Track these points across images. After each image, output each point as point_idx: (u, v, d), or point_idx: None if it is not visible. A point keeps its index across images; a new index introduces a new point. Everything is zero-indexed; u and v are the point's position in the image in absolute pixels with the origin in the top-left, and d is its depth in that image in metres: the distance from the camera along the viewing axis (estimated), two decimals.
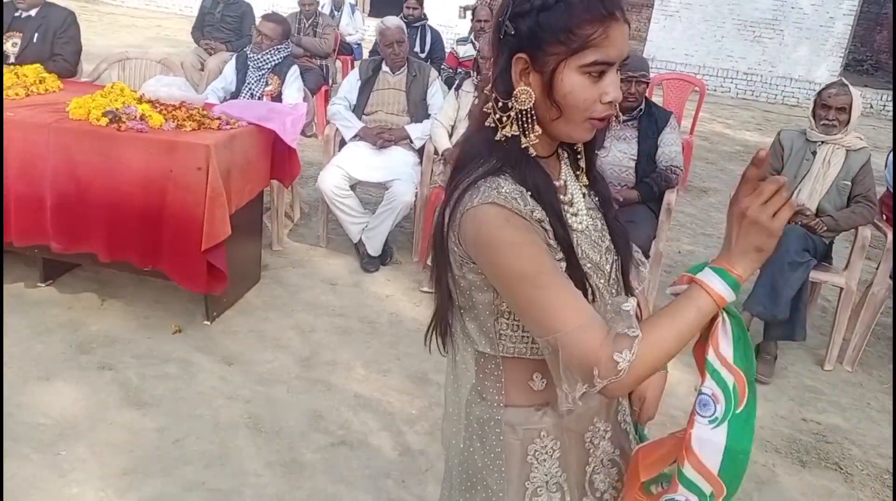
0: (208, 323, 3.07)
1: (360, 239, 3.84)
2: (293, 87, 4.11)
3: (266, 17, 4.19)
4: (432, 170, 3.84)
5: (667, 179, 3.53)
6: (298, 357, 2.94)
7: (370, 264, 3.81)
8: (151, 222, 2.79)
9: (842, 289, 3.30)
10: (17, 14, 4.23)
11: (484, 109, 1.05)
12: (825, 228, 3.26)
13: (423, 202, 3.82)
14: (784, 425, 2.87)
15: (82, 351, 2.79)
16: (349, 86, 4.15)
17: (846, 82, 3.45)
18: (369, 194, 4.31)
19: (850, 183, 3.36)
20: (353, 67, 7.66)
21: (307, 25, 6.69)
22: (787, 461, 2.66)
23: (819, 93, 3.45)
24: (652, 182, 3.50)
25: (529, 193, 1.01)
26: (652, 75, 9.03)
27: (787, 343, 3.38)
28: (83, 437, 2.34)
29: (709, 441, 1.03)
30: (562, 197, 1.09)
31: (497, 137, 1.03)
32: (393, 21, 4.06)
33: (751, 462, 1.08)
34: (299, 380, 2.79)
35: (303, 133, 4.96)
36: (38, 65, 3.50)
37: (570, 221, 1.08)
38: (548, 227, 1.02)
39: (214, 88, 4.14)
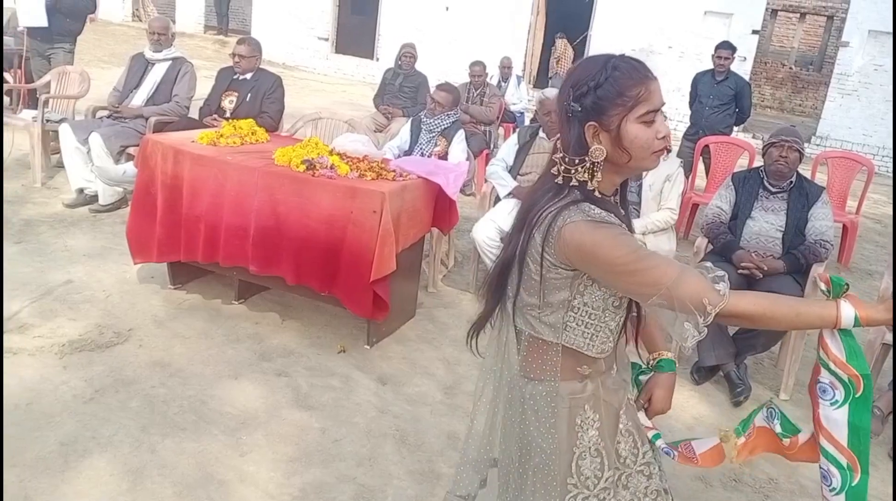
0: (368, 347, 3.48)
1: None
2: (458, 148, 4.56)
3: (440, 87, 4.71)
4: None
5: (815, 253, 3.55)
6: (443, 385, 3.26)
7: None
8: (332, 253, 3.26)
9: None
10: (235, 76, 5.06)
11: (553, 170, 1.39)
12: None
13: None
14: None
15: (264, 359, 3.28)
16: (508, 149, 4.53)
17: None
18: None
19: None
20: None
21: (475, 94, 7.26)
22: None
23: None
24: (799, 254, 3.54)
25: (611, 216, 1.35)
26: (819, 152, 8.84)
27: None
28: (260, 427, 2.77)
29: (833, 419, 1.33)
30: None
31: (571, 183, 1.36)
32: (552, 92, 4.42)
33: None
34: (442, 404, 3.10)
35: (462, 191, 5.41)
36: (251, 119, 4.17)
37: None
38: None
39: (391, 146, 4.69)
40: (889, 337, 3.38)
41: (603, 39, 13.09)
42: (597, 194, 1.36)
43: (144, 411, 2.77)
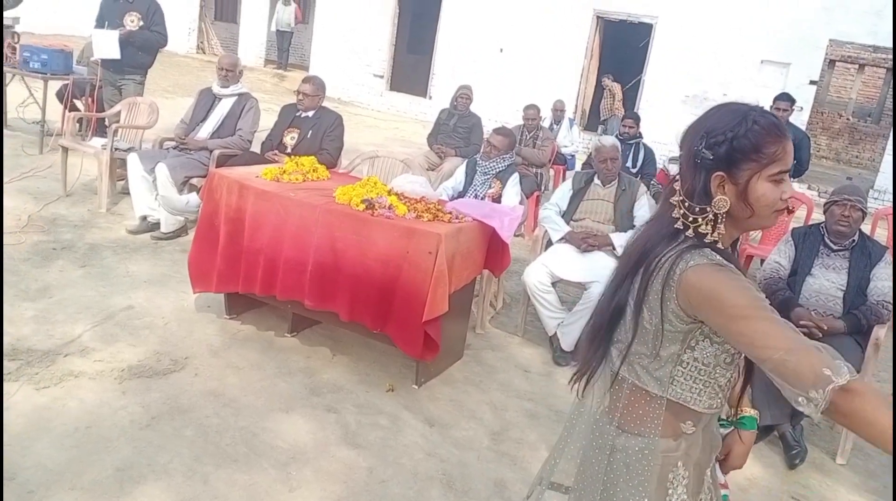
0: (416, 387, 3.49)
1: (556, 333, 4.12)
2: (512, 191, 4.59)
3: (496, 131, 4.77)
4: None
5: (877, 314, 3.46)
6: (490, 430, 3.24)
7: (562, 357, 4.07)
8: (386, 292, 3.30)
9: None
10: (297, 113, 5.21)
11: (673, 214, 1.38)
12: None
13: None
14: None
15: (314, 394, 3.31)
16: (562, 194, 4.55)
17: None
18: (568, 292, 4.60)
19: None
20: (564, 176, 8.19)
21: (528, 137, 7.32)
22: None
23: None
24: (860, 315, 3.46)
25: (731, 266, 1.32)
26: (879, 207, 8.64)
27: None
28: (309, 463, 2.80)
29: None
30: None
31: (688, 233, 1.35)
32: (609, 140, 4.44)
33: None
34: (489, 450, 3.08)
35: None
36: (313, 157, 4.28)
37: None
38: None
39: (445, 186, 4.75)
40: None
41: (656, 85, 13.09)
42: (719, 245, 1.35)
43: (198, 440, 2.82)
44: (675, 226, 1.37)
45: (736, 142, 1.32)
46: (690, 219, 1.35)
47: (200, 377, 3.30)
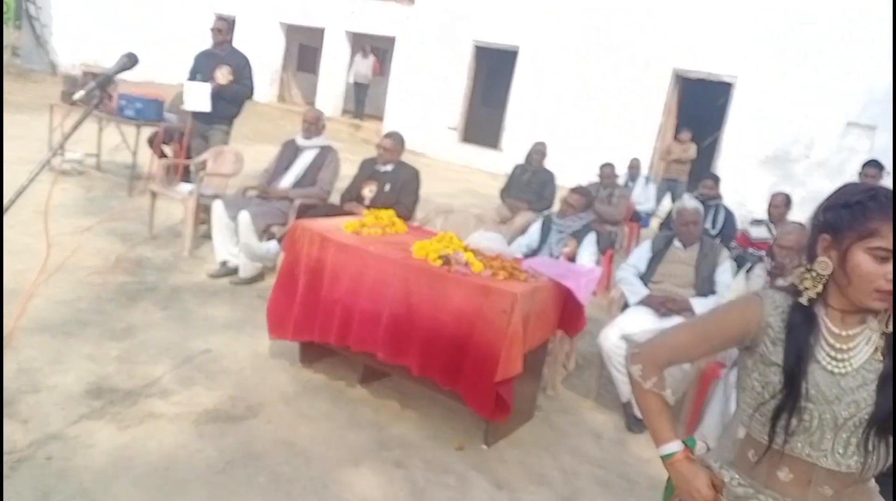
0: (485, 447, 3.44)
1: (630, 399, 4.00)
2: (588, 251, 4.55)
3: (574, 190, 4.77)
4: None
5: None
6: (560, 496, 3.15)
7: (636, 425, 3.94)
8: (458, 349, 3.29)
9: None
10: (377, 167, 5.33)
11: (800, 275, 1.49)
12: None
13: (697, 374, 3.91)
14: None
15: (383, 448, 3.30)
16: (640, 255, 4.48)
17: None
18: None
19: None
20: (639, 234, 8.08)
21: (605, 195, 7.28)
22: None
23: None
24: None
25: (786, 315, 1.46)
26: None
27: None
28: None
29: None
30: (829, 339, 1.44)
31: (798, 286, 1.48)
32: (691, 203, 4.37)
33: None
34: None
35: None
36: (391, 210, 4.35)
37: (825, 359, 1.43)
38: (775, 339, 1.46)
39: (520, 243, 4.75)
40: None
41: (734, 143, 12.88)
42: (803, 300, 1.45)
43: (270, 487, 2.84)
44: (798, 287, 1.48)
45: (845, 209, 1.41)
46: (799, 274, 1.48)
47: (273, 425, 3.33)
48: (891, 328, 1.41)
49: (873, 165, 6.04)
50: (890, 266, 1.35)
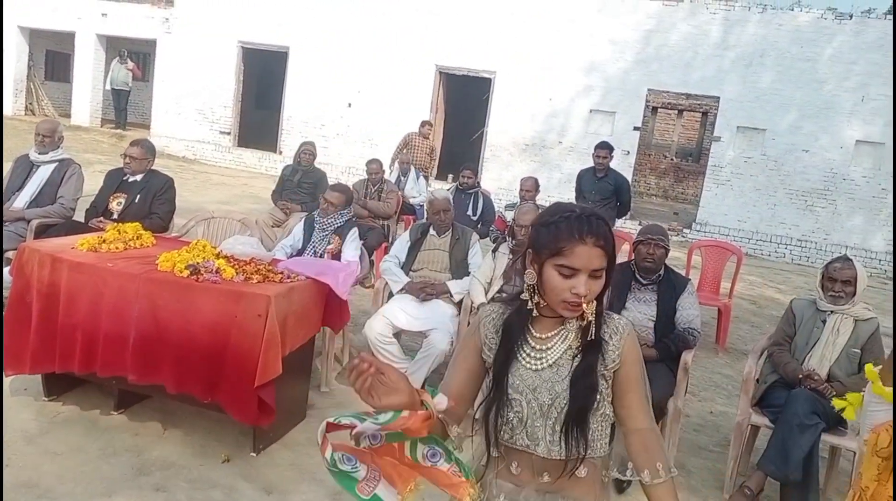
0: (254, 455, 3.40)
1: None
2: (351, 246, 4.64)
3: (332, 188, 4.83)
4: (469, 321, 4.22)
5: (684, 340, 3.78)
6: (331, 491, 3.20)
7: None
8: (214, 360, 3.21)
9: (855, 453, 3.39)
10: (125, 178, 5.02)
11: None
12: (834, 393, 3.41)
13: None
14: None
15: (142, 473, 3.14)
16: (400, 246, 4.66)
17: (850, 257, 3.73)
18: (415, 341, 4.68)
19: (859, 351, 3.54)
20: None
21: (374, 190, 7.44)
22: None
23: (826, 266, 3.73)
24: (669, 342, 3.76)
25: (498, 323, 1.65)
26: (698, 239, 9.45)
27: None
28: None
29: None
30: (530, 342, 1.62)
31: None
32: (440, 194, 4.63)
33: None
34: None
35: (362, 284, 5.47)
36: (137, 223, 4.11)
37: (524, 359, 1.62)
38: (491, 347, 1.65)
39: (283, 245, 4.72)
40: (755, 419, 3.60)
41: (498, 134, 13.75)
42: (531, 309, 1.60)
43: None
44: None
45: (543, 228, 1.57)
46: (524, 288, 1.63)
47: (11, 469, 3.03)
48: (586, 321, 1.56)
49: (603, 146, 6.76)
50: (575, 281, 1.51)
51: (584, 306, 1.51)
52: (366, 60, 14.27)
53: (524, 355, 1.62)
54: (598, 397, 1.58)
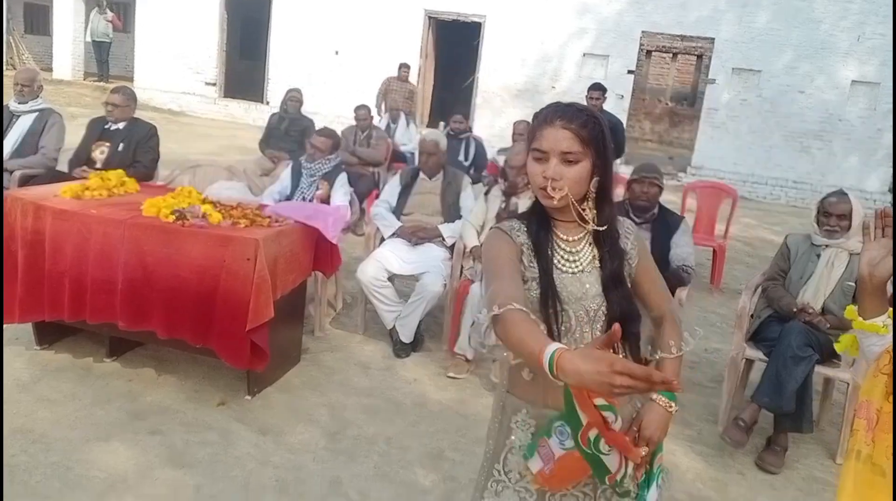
0: (249, 398, 3.40)
1: (394, 326, 4.15)
2: (340, 191, 4.57)
3: (318, 132, 4.74)
4: (462, 265, 4.18)
5: (679, 278, 3.76)
6: (327, 431, 3.22)
7: (402, 350, 4.11)
8: (205, 304, 3.18)
9: (849, 384, 3.41)
10: (106, 126, 4.91)
11: None
12: (828, 325, 3.41)
13: (452, 294, 4.14)
14: None
15: (137, 418, 3.14)
16: (391, 190, 4.59)
17: (846, 192, 3.69)
18: (408, 286, 4.65)
19: (853, 284, 3.52)
20: None
21: (362, 137, 7.33)
22: None
23: (821, 200, 3.69)
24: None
25: (527, 234, 1.60)
26: (691, 182, 9.39)
27: (802, 437, 3.47)
28: (130, 490, 2.65)
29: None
30: (561, 246, 1.61)
31: None
32: (430, 135, 4.54)
33: None
34: (325, 451, 3.05)
35: (353, 232, 5.42)
36: (121, 170, 4.03)
37: (560, 262, 1.60)
38: (530, 257, 1.58)
39: (271, 191, 4.65)
40: (749, 353, 3.61)
41: (489, 79, 13.52)
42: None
43: (4, 482, 2.59)
44: None
45: (531, 123, 1.63)
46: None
47: (5, 416, 3.01)
48: (594, 226, 1.57)
49: (596, 87, 6.64)
50: (546, 165, 1.51)
51: (552, 190, 1.50)
52: (352, 5, 13.92)
53: (559, 259, 1.60)
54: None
